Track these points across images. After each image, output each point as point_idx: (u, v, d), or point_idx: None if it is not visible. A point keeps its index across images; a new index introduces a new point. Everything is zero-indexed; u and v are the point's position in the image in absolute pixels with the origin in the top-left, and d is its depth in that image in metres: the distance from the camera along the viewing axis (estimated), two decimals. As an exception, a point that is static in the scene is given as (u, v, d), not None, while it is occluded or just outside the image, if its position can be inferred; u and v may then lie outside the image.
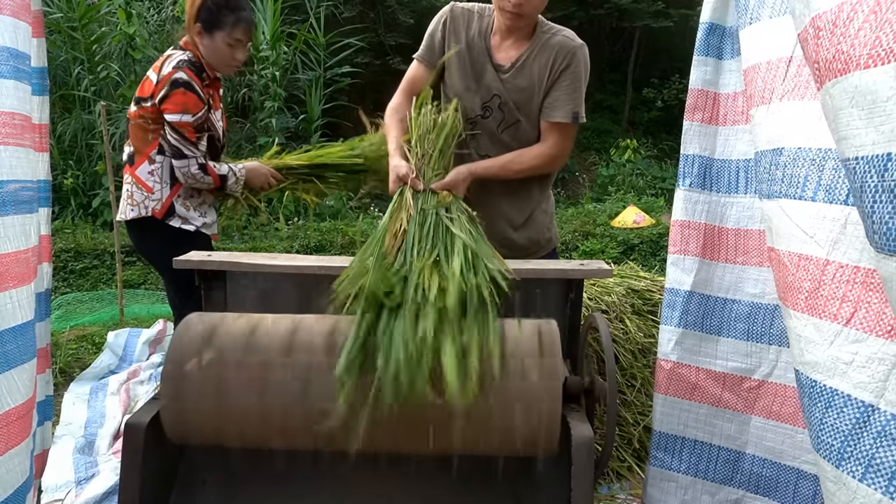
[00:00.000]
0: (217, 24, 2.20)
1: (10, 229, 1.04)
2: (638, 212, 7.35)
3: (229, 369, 1.33)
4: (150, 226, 2.27)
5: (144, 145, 2.24)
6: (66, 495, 2.18)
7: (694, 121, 1.63)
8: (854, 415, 0.82)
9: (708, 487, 1.69)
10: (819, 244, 0.93)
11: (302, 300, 1.70)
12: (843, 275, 0.88)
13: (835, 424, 0.85)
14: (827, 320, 0.89)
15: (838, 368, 0.86)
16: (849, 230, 0.90)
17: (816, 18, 0.68)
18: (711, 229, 1.64)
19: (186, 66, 2.15)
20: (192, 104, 2.15)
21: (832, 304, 0.89)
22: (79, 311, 4.46)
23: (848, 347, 0.85)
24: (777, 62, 1.11)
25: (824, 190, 0.95)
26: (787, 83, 1.08)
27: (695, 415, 1.68)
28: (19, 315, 1.07)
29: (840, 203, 0.92)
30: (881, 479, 0.77)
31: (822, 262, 0.92)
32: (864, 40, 0.62)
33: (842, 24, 0.64)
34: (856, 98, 0.63)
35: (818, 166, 0.97)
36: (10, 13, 1.04)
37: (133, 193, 2.27)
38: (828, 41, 0.66)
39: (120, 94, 7.30)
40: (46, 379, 1.71)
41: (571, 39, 1.96)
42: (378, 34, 10.49)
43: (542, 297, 1.70)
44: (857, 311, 0.85)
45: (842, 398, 0.85)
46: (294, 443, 1.38)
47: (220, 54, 2.24)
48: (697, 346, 1.66)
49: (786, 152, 1.04)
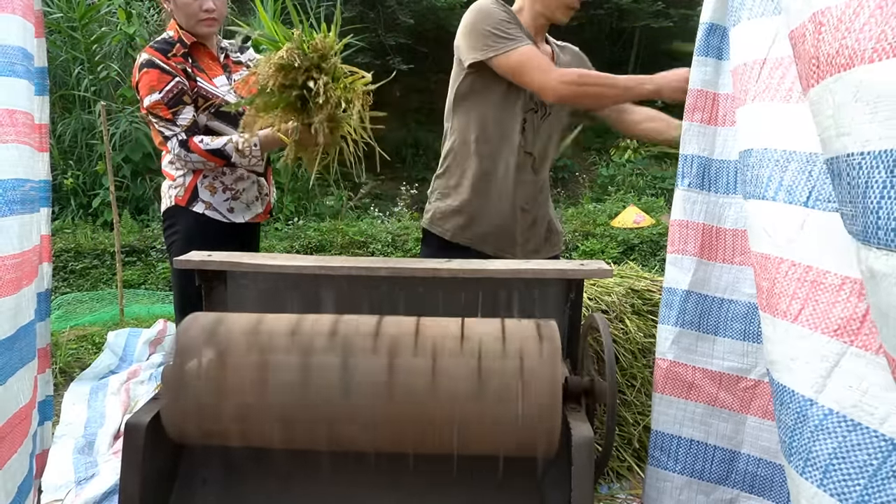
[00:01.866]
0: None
1: (27, 227, 1.05)
2: (638, 212, 7.36)
3: (230, 369, 1.33)
4: (175, 216, 2.18)
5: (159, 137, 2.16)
6: (66, 495, 2.19)
7: (693, 121, 1.64)
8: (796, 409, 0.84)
9: (703, 487, 1.69)
10: (777, 244, 0.95)
11: (302, 300, 1.70)
12: (795, 273, 0.89)
13: (784, 420, 0.87)
14: (779, 318, 0.90)
15: (787, 364, 0.87)
16: (805, 231, 0.90)
17: (819, 14, 0.69)
18: (710, 229, 1.64)
19: (149, 46, 2.08)
20: (156, 80, 2.02)
21: (783, 301, 0.90)
22: (79, 311, 4.47)
23: (795, 343, 0.86)
24: (752, 64, 1.12)
25: (785, 190, 0.96)
26: (759, 84, 1.09)
27: (691, 414, 1.68)
28: (28, 314, 1.08)
29: (800, 204, 0.93)
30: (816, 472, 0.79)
31: (777, 260, 0.93)
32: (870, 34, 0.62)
33: (847, 20, 0.65)
34: (860, 92, 0.63)
35: (781, 167, 0.98)
36: (21, 13, 1.05)
37: (163, 187, 2.23)
38: (831, 36, 0.67)
39: (120, 94, 7.30)
40: (46, 379, 1.72)
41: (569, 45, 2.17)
42: (378, 34, 10.49)
43: (542, 297, 1.71)
44: (805, 308, 0.86)
45: (788, 394, 0.86)
46: (295, 442, 1.38)
47: (188, 10, 2.09)
48: (694, 346, 1.67)
49: (754, 153, 1.05)
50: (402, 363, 1.31)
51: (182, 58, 2.09)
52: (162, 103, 2.02)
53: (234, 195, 2.20)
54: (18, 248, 1.01)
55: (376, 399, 1.30)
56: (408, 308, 1.54)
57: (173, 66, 2.05)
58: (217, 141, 2.07)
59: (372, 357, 1.32)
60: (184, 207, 2.15)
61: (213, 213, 2.16)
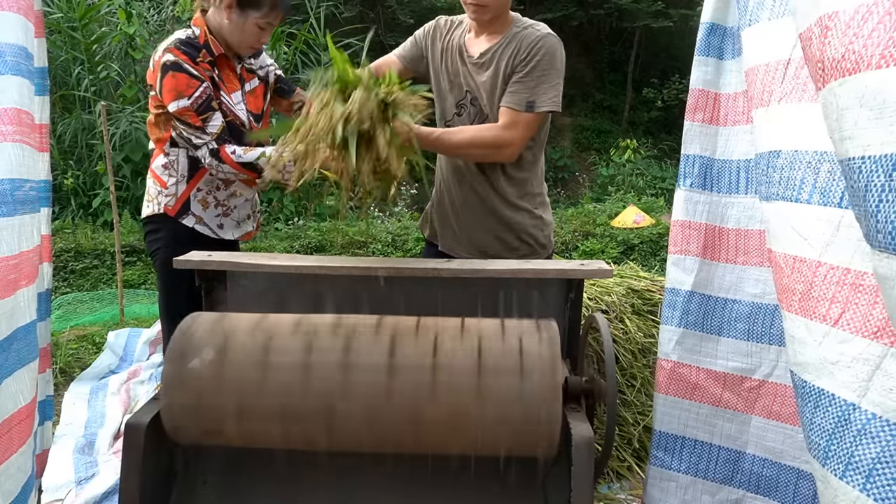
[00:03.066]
0: (254, 4, 2.00)
1: (28, 228, 1.05)
2: (638, 212, 7.36)
3: (230, 369, 1.33)
4: (161, 224, 2.08)
5: (159, 136, 2.08)
6: (66, 495, 2.18)
7: (695, 121, 1.63)
8: (837, 413, 0.84)
9: (708, 487, 1.69)
10: (812, 246, 0.94)
11: (302, 300, 1.70)
12: (834, 276, 0.89)
13: (821, 424, 0.86)
14: (817, 321, 0.90)
15: (826, 368, 0.87)
16: (841, 232, 0.90)
17: (825, 17, 0.68)
18: (712, 229, 1.64)
19: (173, 47, 1.97)
20: (184, 85, 1.93)
21: (822, 305, 0.90)
22: (79, 311, 4.46)
23: (835, 348, 0.86)
24: (776, 64, 1.11)
25: (819, 192, 0.96)
26: (786, 85, 1.08)
27: (695, 414, 1.68)
28: (27, 314, 1.08)
29: (834, 205, 0.93)
30: (859, 477, 0.78)
31: (814, 263, 0.93)
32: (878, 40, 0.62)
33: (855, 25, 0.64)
34: (865, 97, 0.63)
35: (814, 169, 0.98)
36: (22, 13, 1.05)
37: (150, 189, 2.11)
38: (837, 40, 0.66)
39: (120, 94, 7.30)
40: (46, 379, 1.71)
41: (539, 31, 1.92)
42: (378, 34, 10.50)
43: (541, 297, 1.70)
44: (845, 312, 0.86)
45: (827, 398, 0.86)
46: (295, 442, 1.38)
47: (248, 34, 2.03)
48: (698, 346, 1.66)
49: (783, 155, 1.04)
50: (401, 363, 1.31)
51: (208, 65, 2.02)
52: (191, 109, 1.94)
53: (226, 211, 2.13)
54: (16, 248, 1.01)
55: (376, 399, 1.30)
56: (408, 308, 1.54)
57: (201, 71, 1.98)
58: (250, 153, 1.97)
59: (372, 357, 1.32)
60: (171, 217, 2.07)
61: (202, 228, 2.09)
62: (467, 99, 2.01)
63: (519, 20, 1.99)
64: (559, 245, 6.70)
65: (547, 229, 2.14)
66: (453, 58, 2.03)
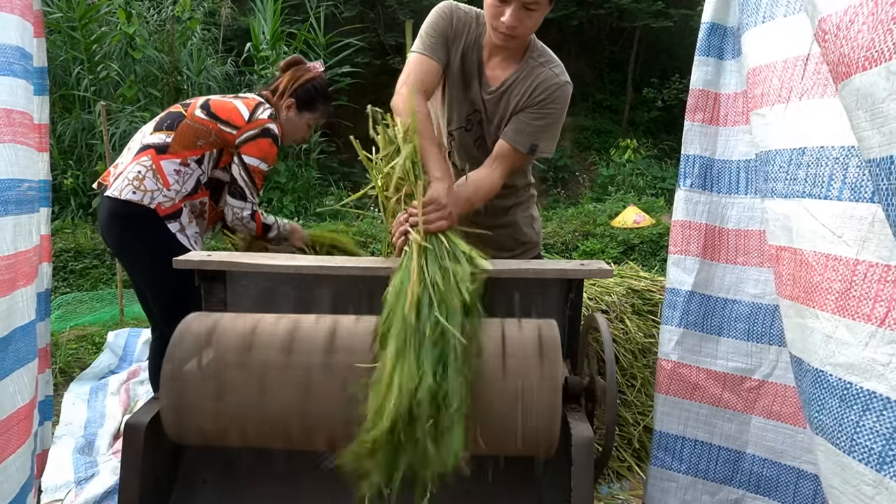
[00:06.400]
0: (311, 107, 2.40)
1: (25, 228, 1.05)
2: (638, 212, 7.35)
3: (229, 369, 1.33)
4: (146, 219, 2.15)
5: (188, 147, 2.19)
6: (66, 495, 2.18)
7: (695, 121, 1.63)
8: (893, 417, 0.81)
9: (708, 487, 1.69)
10: (848, 244, 0.91)
11: (302, 300, 1.70)
12: (875, 273, 0.86)
13: (874, 427, 0.83)
14: (860, 321, 0.87)
15: (875, 370, 0.84)
16: (877, 227, 0.87)
17: (822, 22, 0.68)
18: (712, 230, 1.64)
19: (277, 122, 2.29)
20: (272, 157, 2.26)
21: (865, 304, 0.86)
22: (79, 311, 4.46)
23: (884, 349, 0.83)
24: (794, 60, 1.09)
25: (850, 188, 0.93)
26: (806, 81, 1.06)
27: (695, 414, 1.68)
28: (26, 314, 1.07)
29: (866, 201, 0.90)
30: None
31: (851, 261, 0.90)
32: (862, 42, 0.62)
33: (844, 28, 0.64)
34: (860, 100, 0.63)
35: (842, 164, 0.95)
36: (19, 13, 1.05)
37: (145, 178, 2.14)
38: (833, 45, 0.66)
39: (120, 94, 7.30)
40: (46, 379, 1.71)
41: (558, 75, 1.87)
42: (378, 34, 10.50)
43: (542, 297, 1.70)
44: (892, 311, 0.83)
45: (881, 401, 0.83)
46: (294, 443, 1.38)
47: (299, 131, 2.44)
48: (698, 346, 1.66)
49: (808, 151, 1.01)
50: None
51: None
52: (262, 175, 2.26)
53: (200, 232, 2.32)
54: (12, 248, 1.01)
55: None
56: (408, 308, 1.53)
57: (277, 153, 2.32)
58: (269, 218, 2.38)
59: (370, 358, 1.32)
60: (160, 217, 2.16)
61: (182, 238, 2.20)
62: (475, 118, 1.96)
63: (535, 48, 1.90)
64: (559, 245, 6.70)
65: (537, 224, 2.20)
66: (472, 68, 1.92)
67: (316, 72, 2.43)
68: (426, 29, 1.89)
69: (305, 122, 2.42)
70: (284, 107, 2.36)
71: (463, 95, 1.94)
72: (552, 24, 10.56)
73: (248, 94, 2.39)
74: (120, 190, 2.14)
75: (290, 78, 2.38)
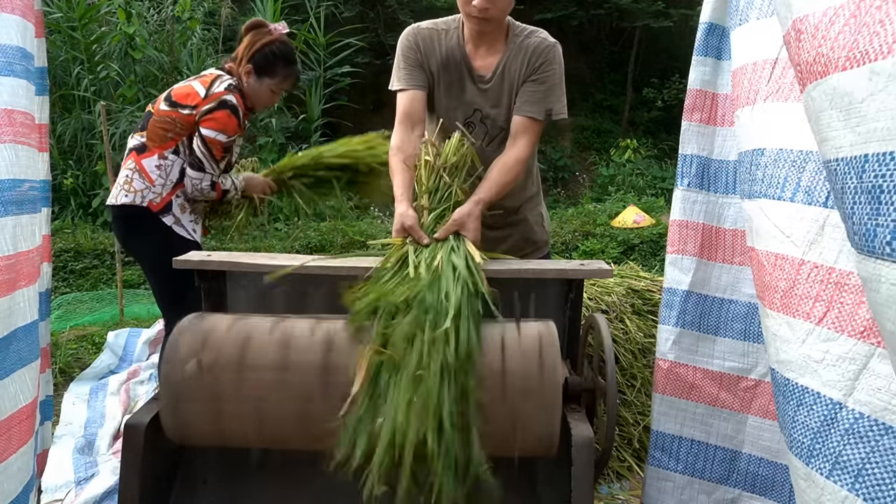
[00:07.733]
0: (269, 72, 2.35)
1: (27, 228, 1.05)
2: (638, 212, 7.35)
3: (227, 370, 1.33)
4: (142, 217, 2.27)
5: (161, 142, 2.28)
6: (66, 495, 2.19)
7: (692, 121, 1.64)
8: (823, 412, 0.83)
9: (705, 487, 1.69)
10: (795, 244, 0.94)
11: (301, 300, 1.70)
12: (818, 275, 0.89)
13: (805, 422, 0.86)
14: (800, 319, 0.90)
15: (809, 367, 0.87)
16: (826, 232, 0.90)
17: (798, 21, 0.69)
18: (709, 229, 1.64)
19: (237, 92, 2.28)
20: (232, 128, 2.26)
21: (805, 303, 0.89)
22: (79, 311, 4.46)
23: (819, 346, 0.86)
24: (763, 63, 1.12)
25: (804, 191, 0.96)
26: (772, 84, 1.08)
27: (692, 414, 1.68)
28: (28, 314, 1.08)
29: (819, 205, 0.93)
30: (847, 477, 0.78)
31: (797, 261, 0.93)
32: (843, 43, 0.62)
33: (823, 28, 0.65)
34: (834, 100, 0.63)
35: (798, 168, 0.97)
36: (21, 13, 1.05)
37: (133, 180, 2.27)
38: (809, 44, 0.67)
39: (120, 94, 7.30)
40: (46, 379, 1.72)
41: (545, 39, 1.92)
42: (378, 34, 10.49)
43: (541, 297, 1.71)
44: (830, 311, 0.85)
45: (812, 396, 0.85)
46: (292, 443, 1.38)
47: (262, 97, 2.39)
48: (695, 346, 1.67)
49: (767, 153, 1.04)
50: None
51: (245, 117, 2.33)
52: (221, 146, 2.26)
53: (196, 219, 2.37)
54: (12, 248, 1.01)
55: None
56: (407, 308, 1.53)
57: (242, 122, 2.31)
58: (226, 181, 2.35)
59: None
60: (154, 213, 2.26)
61: (179, 229, 2.29)
62: (476, 117, 1.97)
63: (515, 27, 1.95)
64: (559, 245, 6.70)
65: (546, 223, 2.22)
66: (459, 71, 1.94)
67: (275, 34, 2.36)
68: (397, 63, 1.96)
69: (267, 88, 2.37)
70: (244, 73, 2.33)
71: (457, 101, 1.97)
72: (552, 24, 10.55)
73: (207, 71, 2.41)
74: (115, 196, 2.30)
75: (247, 43, 2.34)
